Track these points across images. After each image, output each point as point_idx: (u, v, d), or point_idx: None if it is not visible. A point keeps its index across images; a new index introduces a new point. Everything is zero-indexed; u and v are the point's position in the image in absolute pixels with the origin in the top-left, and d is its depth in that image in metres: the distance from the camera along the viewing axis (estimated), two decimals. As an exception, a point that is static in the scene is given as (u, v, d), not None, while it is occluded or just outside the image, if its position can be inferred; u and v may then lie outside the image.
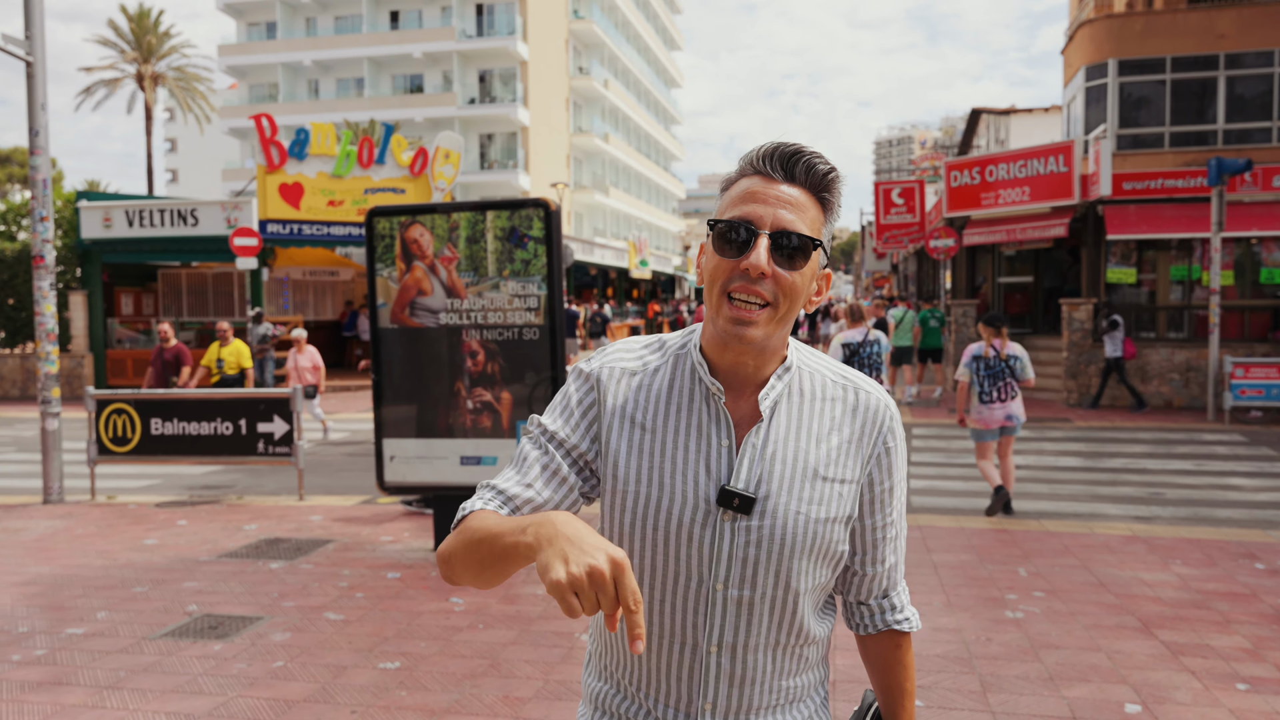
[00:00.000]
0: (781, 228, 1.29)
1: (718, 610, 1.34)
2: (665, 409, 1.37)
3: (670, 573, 1.35)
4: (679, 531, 1.33)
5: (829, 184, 1.34)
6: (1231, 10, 17.22)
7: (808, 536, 1.34)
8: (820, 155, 1.32)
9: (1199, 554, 6.36)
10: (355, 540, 6.95)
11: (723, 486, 1.32)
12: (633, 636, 1.04)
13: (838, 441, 1.38)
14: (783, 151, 1.31)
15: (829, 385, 1.40)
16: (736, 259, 1.29)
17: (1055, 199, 16.70)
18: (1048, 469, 10.07)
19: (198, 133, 51.39)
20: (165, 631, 4.98)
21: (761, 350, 1.34)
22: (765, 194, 1.30)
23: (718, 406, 1.35)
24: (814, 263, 1.33)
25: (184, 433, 8.58)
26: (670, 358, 1.41)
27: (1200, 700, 4.02)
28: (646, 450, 1.36)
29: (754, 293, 1.28)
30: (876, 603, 1.49)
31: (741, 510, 1.31)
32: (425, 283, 6.38)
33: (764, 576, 1.33)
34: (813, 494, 1.35)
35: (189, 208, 18.57)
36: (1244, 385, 12.94)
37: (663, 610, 1.36)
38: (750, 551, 1.32)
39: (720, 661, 1.36)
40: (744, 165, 1.35)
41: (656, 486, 1.34)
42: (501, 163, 44.90)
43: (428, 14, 45.19)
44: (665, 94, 67.84)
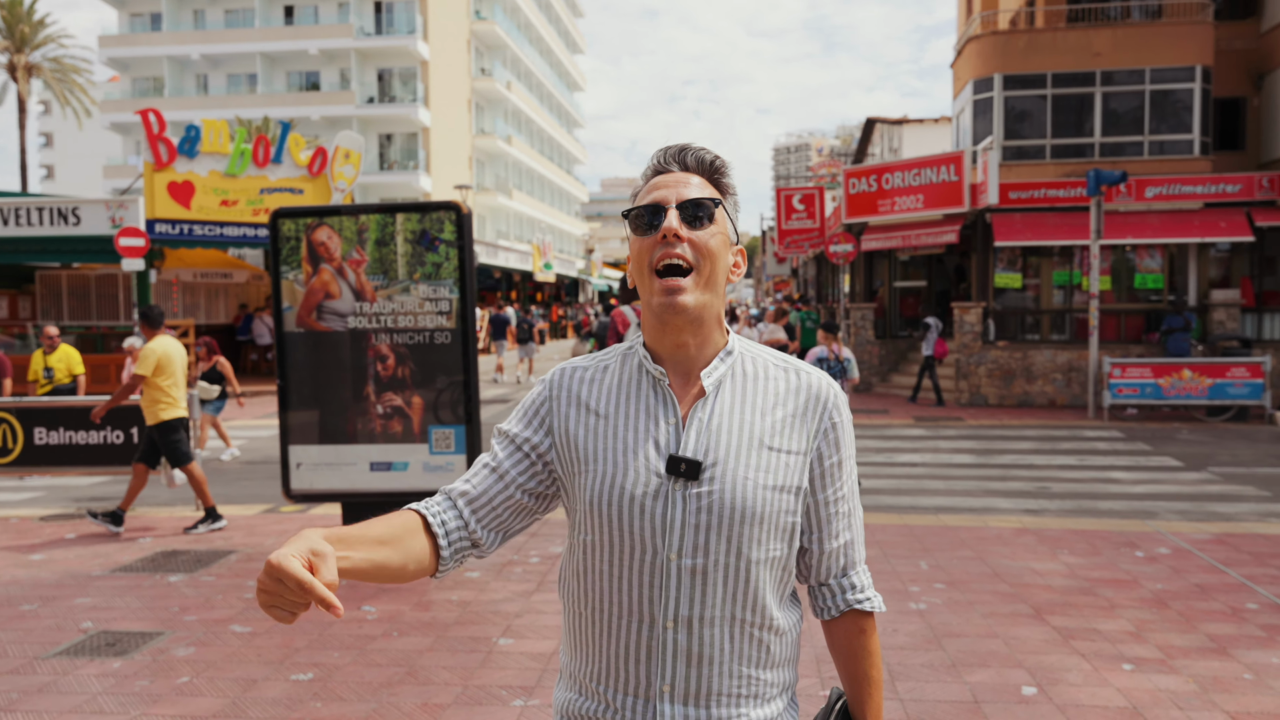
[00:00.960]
0: (684, 199, 1.44)
1: (672, 581, 1.39)
2: (617, 397, 1.48)
3: (626, 547, 1.40)
4: (632, 505, 1.40)
5: (718, 169, 1.50)
6: (1106, 30, 18.24)
7: (757, 502, 1.40)
8: (705, 148, 1.50)
9: (1084, 544, 6.73)
10: (259, 550, 6.75)
11: (670, 454, 1.40)
12: (327, 606, 1.13)
13: (782, 415, 1.46)
14: (673, 149, 1.50)
15: (771, 368, 1.50)
16: (653, 234, 1.43)
17: (947, 207, 17.37)
18: (943, 466, 10.48)
19: (76, 127, 48.85)
20: (59, 650, 4.76)
21: (697, 322, 1.44)
22: (665, 181, 1.47)
23: (663, 389, 1.45)
24: (721, 226, 1.46)
25: (71, 442, 8.18)
26: (620, 356, 1.53)
27: (1090, 681, 4.27)
28: (601, 433, 1.45)
29: (675, 256, 1.41)
30: (836, 582, 1.53)
31: (689, 476, 1.38)
32: (333, 286, 6.25)
33: (716, 543, 1.39)
34: (760, 462, 1.42)
35: (70, 206, 17.66)
36: (1121, 384, 13.71)
37: (619, 587, 1.42)
38: (701, 518, 1.38)
39: (677, 638, 1.39)
40: (645, 172, 1.52)
41: (611, 465, 1.42)
42: (402, 164, 44.11)
43: (324, 10, 44.07)
44: (568, 97, 67.79)
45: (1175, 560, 6.28)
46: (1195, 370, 13.49)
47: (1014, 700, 4.06)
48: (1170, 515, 7.93)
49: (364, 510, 6.41)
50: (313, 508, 8.04)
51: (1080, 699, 4.07)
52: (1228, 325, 15.63)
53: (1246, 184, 16.64)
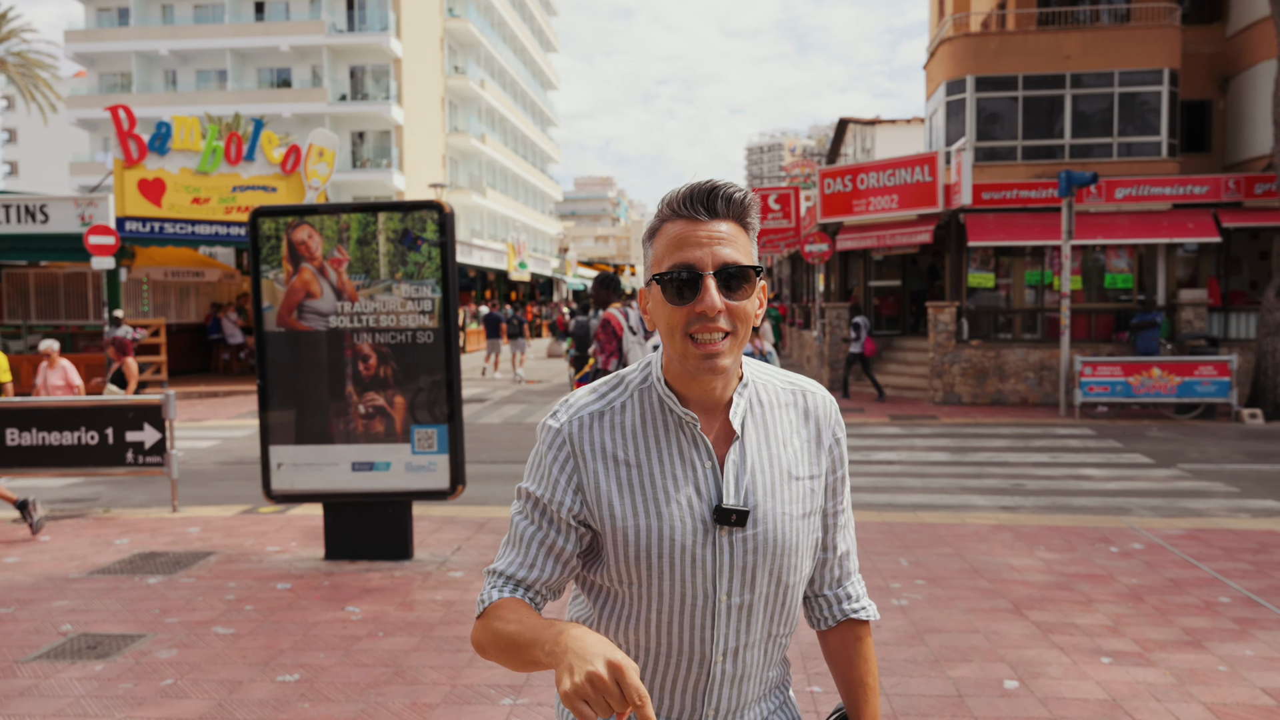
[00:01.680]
0: (723, 263, 1.35)
1: (722, 620, 1.42)
2: (644, 442, 1.42)
3: (677, 595, 1.40)
4: (683, 555, 1.39)
5: (748, 209, 1.40)
6: (1076, 33, 18.50)
7: (795, 534, 1.44)
8: (734, 185, 1.39)
9: (1060, 540, 6.83)
10: (239, 552, 6.70)
11: (718, 505, 1.39)
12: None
13: (799, 443, 1.48)
14: (701, 190, 1.37)
15: (780, 393, 1.50)
16: (689, 304, 1.35)
17: (921, 207, 17.54)
18: (919, 464, 10.59)
19: (41, 123, 48.05)
20: (39, 653, 4.70)
21: (730, 374, 1.42)
22: (697, 236, 1.36)
23: (694, 433, 1.42)
24: (756, 285, 1.40)
25: (44, 443, 8.06)
26: (634, 393, 1.46)
27: (1070, 674, 4.35)
28: (636, 484, 1.41)
29: (714, 329, 1.35)
30: (833, 593, 1.57)
31: (739, 524, 1.39)
32: (314, 285, 6.22)
33: (762, 579, 1.42)
34: (791, 494, 1.45)
35: (38, 203, 17.40)
36: (1092, 383, 13.91)
37: (671, 631, 1.42)
38: (749, 559, 1.41)
39: (725, 669, 1.44)
40: (664, 210, 1.40)
41: (654, 517, 1.39)
42: (374, 162, 43.83)
43: (295, 6, 43.70)
44: (541, 96, 67.64)
45: (1149, 555, 6.39)
46: (1164, 369, 13.72)
47: (996, 694, 4.13)
48: (1143, 511, 8.07)
49: (346, 511, 6.39)
50: (292, 508, 7.99)
51: (1061, 692, 4.14)
52: (1195, 325, 15.90)
53: (1213, 185, 16.93)
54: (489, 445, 11.99)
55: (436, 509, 7.83)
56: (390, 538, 6.40)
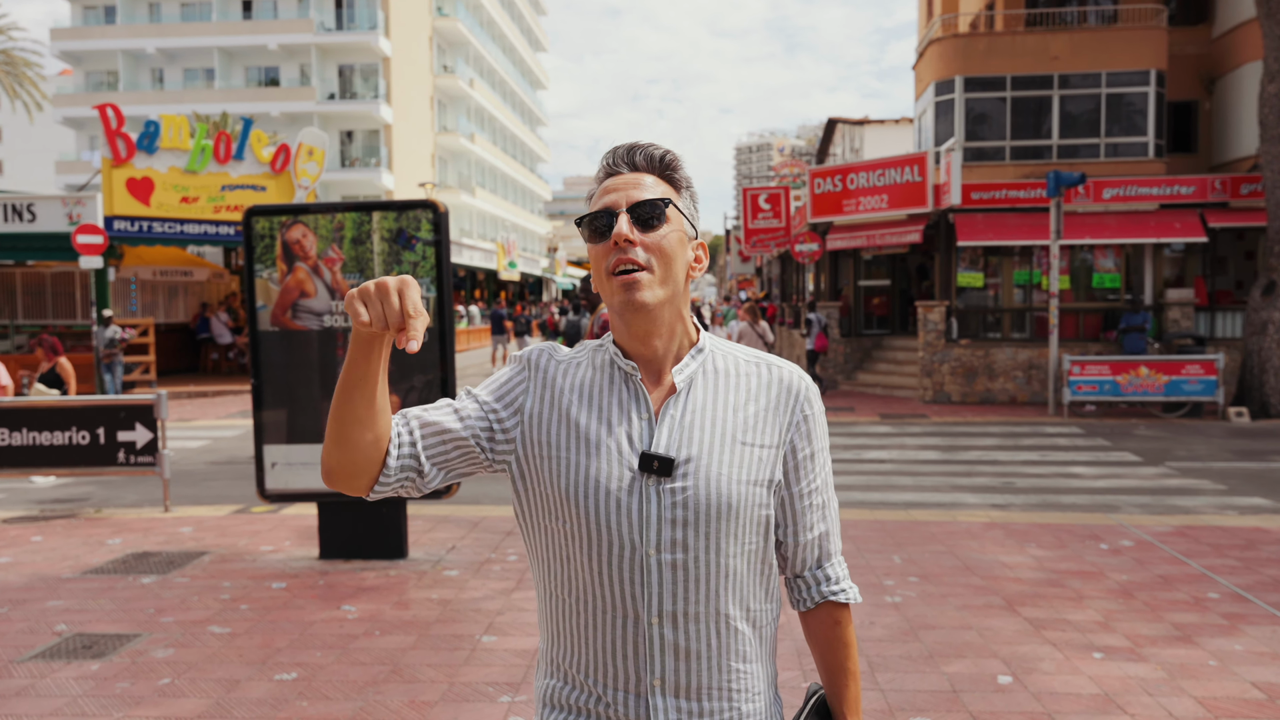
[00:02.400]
0: (635, 201, 1.43)
1: (653, 577, 1.39)
2: (590, 392, 1.47)
3: (604, 541, 1.40)
4: (608, 499, 1.39)
5: (669, 164, 1.48)
6: (1064, 34, 18.61)
7: (732, 497, 1.41)
8: (654, 144, 1.48)
9: (1050, 537, 6.89)
10: (233, 551, 6.69)
11: (643, 451, 1.40)
12: (408, 338, 1.24)
13: (754, 410, 1.46)
14: (621, 149, 1.48)
15: (742, 364, 1.50)
16: (607, 240, 1.43)
17: (911, 207, 17.61)
18: (910, 462, 10.65)
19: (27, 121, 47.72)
20: (35, 653, 4.69)
21: (659, 321, 1.44)
22: (616, 184, 1.46)
23: (635, 385, 1.45)
24: (676, 224, 1.45)
25: (35, 443, 8.03)
26: (590, 351, 1.53)
27: (1063, 669, 4.39)
28: (576, 421, 1.44)
29: (628, 261, 1.40)
30: (811, 574, 1.54)
31: (662, 473, 1.38)
32: (308, 284, 6.22)
33: (694, 539, 1.39)
34: (734, 457, 1.42)
35: (25, 202, 17.30)
36: (1080, 381, 14.01)
37: (601, 582, 1.41)
38: (678, 513, 1.39)
39: (663, 633, 1.40)
40: (597, 175, 1.50)
41: (585, 455, 1.42)
42: (363, 161, 43.71)
43: (283, 5, 43.51)
44: (530, 95, 67.56)
45: (1138, 552, 6.45)
46: (1152, 368, 13.83)
47: (991, 689, 4.17)
48: (1132, 509, 8.14)
49: (341, 510, 6.39)
50: (285, 507, 7.98)
51: (1054, 687, 4.19)
52: (1182, 324, 16.03)
53: (1200, 186, 17.07)
54: (481, 444, 11.98)
55: (430, 508, 7.84)
56: (385, 537, 6.41)
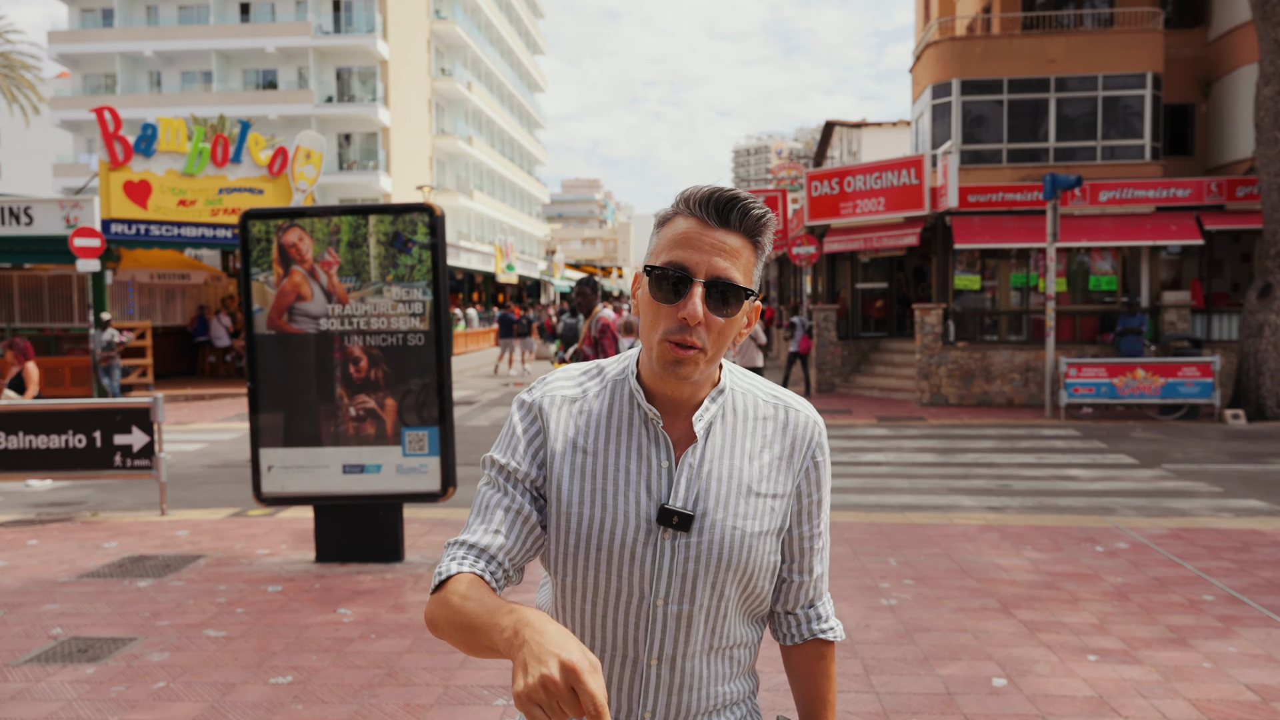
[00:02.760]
0: (715, 276, 1.32)
1: (658, 625, 1.39)
2: (606, 433, 1.42)
3: (613, 590, 1.39)
4: (622, 550, 1.37)
5: (762, 228, 1.37)
6: (1060, 37, 18.65)
7: (743, 550, 1.40)
8: (755, 200, 1.35)
9: (1046, 540, 6.90)
10: (229, 555, 6.69)
11: (662, 505, 1.37)
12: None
13: (769, 458, 1.44)
14: (719, 198, 1.34)
15: (760, 405, 1.46)
16: (672, 306, 1.33)
17: (908, 210, 17.64)
18: (907, 465, 10.65)
19: (24, 124, 47.71)
20: (30, 657, 4.69)
21: (695, 384, 1.41)
22: (700, 240, 1.33)
23: (656, 430, 1.41)
24: (745, 306, 1.37)
25: (31, 446, 8.03)
26: (609, 384, 1.46)
27: (1057, 671, 4.40)
28: (589, 472, 1.40)
29: (689, 341, 1.33)
30: (803, 612, 1.54)
31: (680, 528, 1.37)
32: (305, 288, 6.22)
33: (702, 590, 1.39)
34: (747, 509, 1.41)
35: (23, 205, 17.30)
36: (1077, 384, 14.02)
37: (604, 626, 1.41)
38: (690, 567, 1.38)
39: (660, 673, 1.41)
40: (679, 206, 1.37)
41: (600, 508, 1.38)
42: (361, 164, 43.71)
43: (281, 8, 43.54)
44: (529, 98, 67.59)
45: (1134, 555, 6.46)
46: (1148, 370, 13.85)
47: (985, 692, 4.18)
48: (1127, 511, 8.15)
49: (337, 513, 6.39)
50: (281, 511, 7.98)
51: (1049, 689, 4.20)
52: (1179, 326, 16.05)
53: (1196, 189, 17.10)
54: (478, 447, 11.99)
55: (427, 511, 7.84)
56: (381, 540, 6.41)
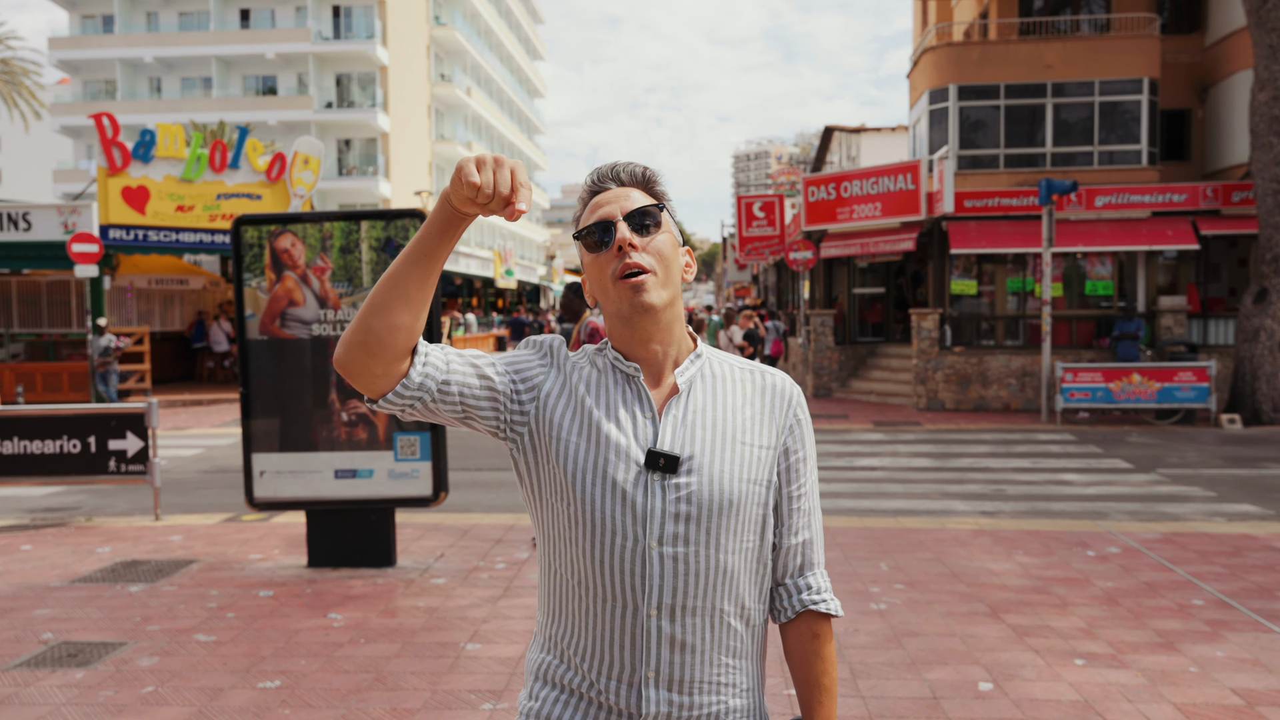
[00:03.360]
0: (630, 209, 1.50)
1: (654, 569, 1.43)
2: (598, 388, 1.52)
3: (607, 530, 1.44)
4: (614, 490, 1.44)
5: (650, 179, 1.56)
6: (1057, 43, 18.68)
7: (734, 494, 1.46)
8: (634, 162, 1.58)
9: (1038, 544, 6.91)
10: (221, 559, 6.70)
11: (649, 449, 1.45)
12: (516, 207, 1.33)
13: (751, 413, 1.53)
14: (604, 168, 1.57)
15: (737, 370, 1.58)
16: (609, 250, 1.49)
17: (904, 215, 17.67)
18: (902, 470, 10.66)
19: (24, 130, 47.80)
20: (20, 661, 4.70)
21: (663, 324, 1.50)
22: (606, 198, 1.53)
23: (638, 385, 1.51)
24: (668, 228, 1.53)
25: (25, 451, 8.04)
26: (588, 356, 1.57)
27: (1044, 676, 4.41)
28: (583, 413, 1.49)
29: (634, 265, 1.46)
30: (793, 582, 1.55)
31: (668, 469, 1.44)
32: (297, 293, 6.24)
33: (695, 534, 1.44)
34: (735, 456, 1.48)
35: (21, 211, 17.33)
36: (1073, 389, 14.03)
37: (602, 571, 1.44)
38: (681, 508, 1.44)
39: (660, 625, 1.43)
40: (582, 195, 1.57)
41: (595, 444, 1.46)
42: (361, 169, 43.77)
43: (281, 14, 43.62)
44: (528, 103, 67.70)
45: (1125, 559, 6.47)
46: (1144, 375, 13.85)
47: (971, 696, 4.18)
48: (1120, 516, 8.16)
49: (329, 518, 6.41)
50: (275, 515, 7.99)
51: (1035, 694, 4.20)
52: (1175, 331, 16.06)
53: (1192, 194, 17.12)
54: (473, 453, 11.99)
55: (419, 516, 7.85)
56: (373, 545, 6.42)
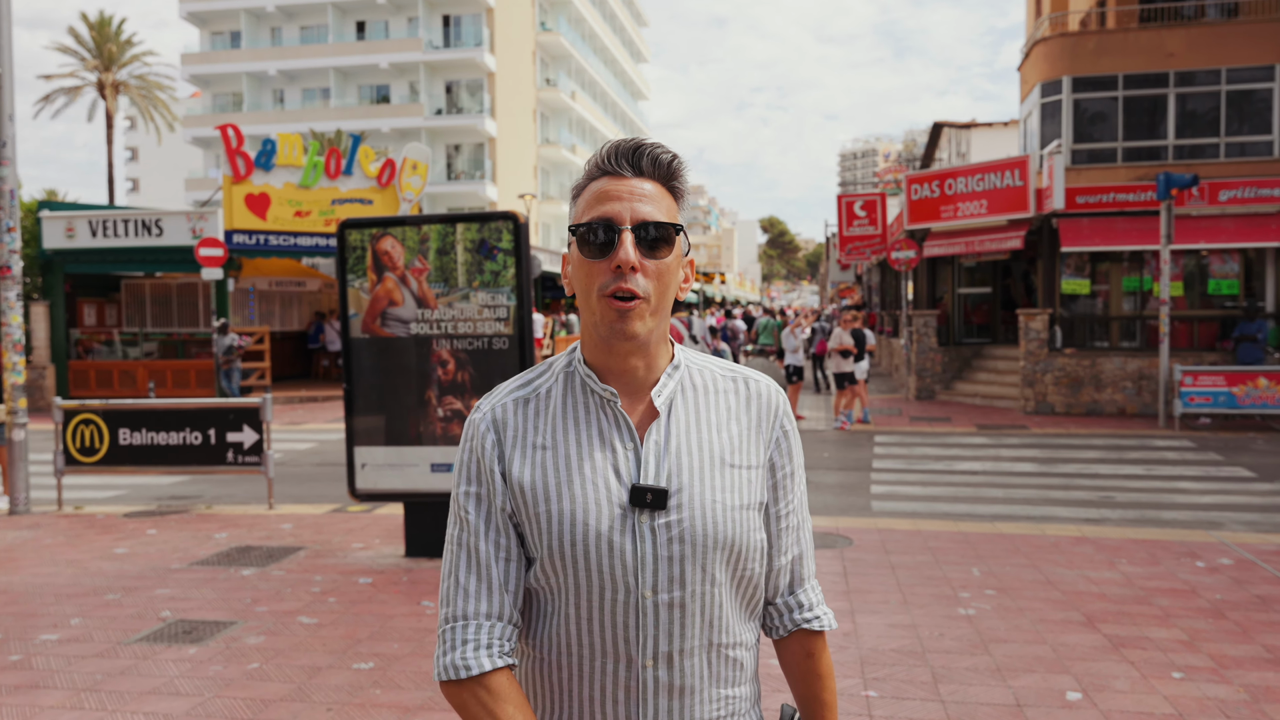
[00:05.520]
0: (641, 220, 1.30)
1: (649, 619, 1.30)
2: (564, 424, 1.34)
3: (596, 587, 1.30)
4: (598, 543, 1.29)
5: (675, 171, 1.36)
6: (1180, 29, 17.79)
7: (727, 524, 1.32)
8: (661, 145, 1.34)
9: (1144, 553, 6.63)
10: (326, 547, 7.04)
11: (633, 485, 1.30)
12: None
13: (738, 429, 1.38)
14: (626, 147, 1.33)
15: (719, 379, 1.41)
16: (605, 259, 1.30)
17: (1011, 212, 17.12)
18: (1003, 474, 10.36)
19: (158, 142, 50.83)
20: (140, 636, 5.06)
21: (645, 347, 1.34)
22: (618, 191, 1.31)
23: (615, 411, 1.34)
24: (678, 248, 1.34)
25: (152, 443, 8.61)
26: (558, 377, 1.39)
27: (1137, 688, 4.25)
28: (551, 467, 1.32)
29: (627, 290, 1.28)
30: (784, 601, 1.45)
31: (656, 506, 1.29)
32: (396, 293, 6.51)
33: (692, 573, 1.30)
34: (723, 481, 1.34)
35: (154, 218, 18.48)
36: (1193, 393, 13.36)
37: (592, 628, 1.31)
38: (675, 549, 1.30)
39: (658, 675, 1.31)
40: (590, 168, 1.36)
41: (568, 501, 1.30)
42: (469, 174, 44.94)
43: (394, 25, 45.19)
44: (632, 106, 68.25)
45: (1237, 571, 6.16)
46: (1271, 379, 13.08)
47: (1057, 705, 4.07)
48: (1237, 526, 7.76)
49: (425, 510, 6.65)
50: (378, 507, 8.33)
51: (1125, 705, 4.06)
52: (1308, 332, 15.10)
53: (1328, 186, 16.05)
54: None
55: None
56: (467, 537, 6.62)
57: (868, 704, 4.11)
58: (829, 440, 13.18)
